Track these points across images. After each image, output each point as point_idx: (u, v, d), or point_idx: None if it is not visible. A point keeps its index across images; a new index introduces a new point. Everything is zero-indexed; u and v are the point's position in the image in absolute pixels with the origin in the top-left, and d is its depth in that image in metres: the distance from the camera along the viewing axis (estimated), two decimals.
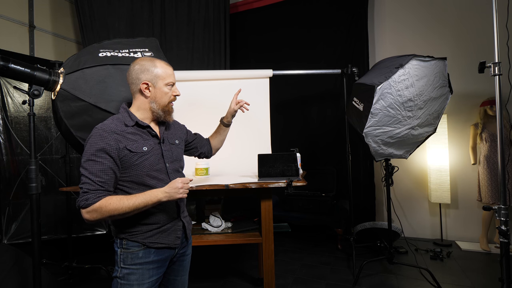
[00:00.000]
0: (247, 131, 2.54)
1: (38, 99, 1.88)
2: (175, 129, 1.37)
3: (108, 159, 1.07)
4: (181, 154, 1.34)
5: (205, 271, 2.77)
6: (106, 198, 1.05)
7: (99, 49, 1.57)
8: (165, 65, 1.24)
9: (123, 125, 1.15)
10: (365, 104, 2.07)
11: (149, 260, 1.16)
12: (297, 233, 3.70)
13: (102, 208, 1.03)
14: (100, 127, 1.11)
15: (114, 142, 1.09)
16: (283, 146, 2.75)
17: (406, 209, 3.56)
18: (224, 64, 3.58)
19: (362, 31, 3.58)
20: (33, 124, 1.46)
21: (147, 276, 1.15)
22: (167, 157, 1.23)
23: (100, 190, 1.05)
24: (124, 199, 1.06)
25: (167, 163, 1.22)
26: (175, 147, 1.30)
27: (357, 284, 2.41)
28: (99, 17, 3.35)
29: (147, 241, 1.15)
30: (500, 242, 1.48)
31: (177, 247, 1.25)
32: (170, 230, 1.21)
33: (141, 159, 1.13)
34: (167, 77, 1.22)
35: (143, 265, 1.15)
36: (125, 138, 1.12)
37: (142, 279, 1.14)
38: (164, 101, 1.22)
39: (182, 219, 1.27)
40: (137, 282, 1.13)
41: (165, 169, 1.21)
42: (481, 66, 1.53)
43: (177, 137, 1.34)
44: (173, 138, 1.31)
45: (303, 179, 1.93)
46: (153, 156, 1.17)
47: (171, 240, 1.21)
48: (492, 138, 2.92)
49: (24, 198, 2.92)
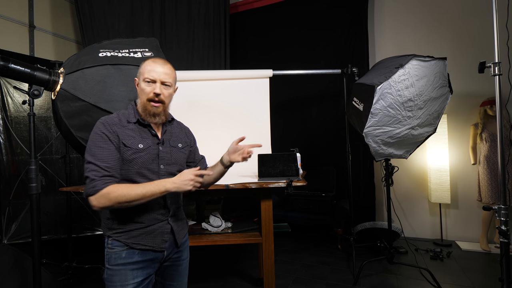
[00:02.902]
0: (247, 131, 2.54)
1: (38, 99, 1.88)
2: (182, 133, 1.32)
3: (112, 145, 1.09)
4: (182, 158, 1.27)
5: (205, 271, 2.77)
6: (114, 185, 1.04)
7: (99, 49, 1.57)
8: (152, 62, 1.18)
9: (126, 121, 1.16)
10: (365, 104, 2.07)
11: (132, 261, 1.12)
12: (297, 233, 3.70)
13: (109, 194, 1.01)
14: (104, 120, 1.13)
15: (115, 133, 1.11)
16: (283, 146, 2.75)
17: (406, 209, 3.56)
18: (224, 64, 3.58)
19: (362, 31, 3.58)
20: (33, 124, 1.46)
21: (131, 277, 1.11)
22: (163, 158, 1.18)
23: (107, 176, 1.04)
24: (132, 187, 1.05)
25: (162, 165, 1.17)
26: (177, 150, 1.25)
27: (357, 284, 2.41)
28: (99, 17, 3.35)
29: (130, 241, 1.12)
30: (500, 242, 1.48)
31: (164, 250, 1.19)
32: (155, 232, 1.16)
33: (135, 155, 1.12)
34: (145, 72, 1.15)
35: (126, 265, 1.11)
36: (124, 132, 1.13)
37: (125, 280, 1.10)
38: (143, 98, 1.16)
39: (170, 222, 1.20)
40: (120, 284, 1.09)
41: (157, 170, 1.16)
42: (481, 66, 1.53)
43: (182, 141, 1.29)
44: (176, 141, 1.26)
45: (303, 179, 1.93)
46: (147, 155, 1.15)
47: (157, 243, 1.15)
48: (492, 138, 2.92)
49: (24, 198, 2.92)
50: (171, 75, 1.19)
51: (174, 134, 1.27)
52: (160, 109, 1.17)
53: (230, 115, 2.57)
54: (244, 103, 2.58)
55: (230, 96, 2.57)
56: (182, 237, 1.27)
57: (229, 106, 2.57)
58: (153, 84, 1.16)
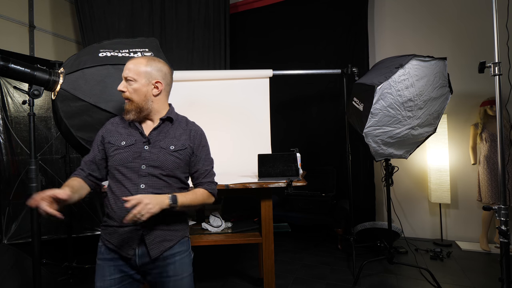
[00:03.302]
0: (247, 131, 2.54)
1: (38, 99, 1.88)
2: (183, 135, 1.20)
3: (95, 145, 1.21)
4: (171, 162, 1.14)
5: (205, 271, 2.77)
6: (72, 178, 1.17)
7: (99, 49, 1.57)
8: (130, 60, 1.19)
9: (122, 119, 1.22)
10: (365, 104, 2.07)
11: (108, 257, 1.13)
12: (297, 233, 3.69)
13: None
14: (111, 119, 1.27)
15: (103, 132, 1.21)
16: (283, 146, 2.74)
17: (406, 209, 3.55)
18: (224, 64, 3.58)
19: (362, 31, 3.58)
20: (33, 124, 1.46)
21: (108, 273, 1.12)
22: (145, 158, 1.12)
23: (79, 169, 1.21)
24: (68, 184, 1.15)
25: (144, 165, 1.11)
26: (165, 152, 1.14)
27: (357, 284, 2.41)
28: (99, 17, 3.35)
29: (105, 237, 1.15)
30: (500, 242, 1.48)
31: (131, 258, 1.10)
32: (124, 236, 1.09)
33: (115, 152, 1.14)
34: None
35: (103, 261, 1.14)
36: (116, 130, 1.20)
37: (103, 275, 1.12)
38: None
39: (143, 230, 1.09)
40: (99, 278, 1.13)
41: (137, 170, 1.11)
42: (481, 66, 1.52)
43: (178, 144, 1.17)
44: (168, 143, 1.16)
45: (303, 179, 1.93)
46: (127, 153, 1.13)
47: (124, 247, 1.10)
48: (492, 138, 2.92)
49: (24, 198, 2.92)
50: (133, 69, 1.15)
51: (170, 135, 1.18)
52: (130, 106, 1.16)
53: (230, 115, 2.57)
54: (244, 103, 2.58)
55: (230, 96, 2.57)
56: (161, 250, 1.11)
57: (229, 106, 2.57)
58: (123, 81, 1.18)
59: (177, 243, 1.16)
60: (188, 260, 1.19)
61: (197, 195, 1.17)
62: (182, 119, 1.28)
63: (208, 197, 1.22)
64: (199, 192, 1.19)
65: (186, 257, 1.18)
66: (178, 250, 1.16)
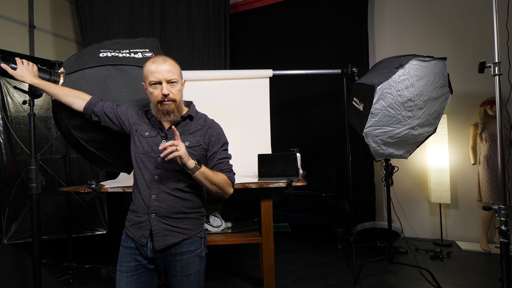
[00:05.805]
0: (247, 131, 2.54)
1: (38, 99, 1.88)
2: (200, 131, 1.24)
3: (124, 109, 1.32)
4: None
5: (205, 271, 2.76)
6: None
7: (100, 49, 1.56)
8: (151, 63, 1.16)
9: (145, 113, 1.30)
10: (365, 104, 2.07)
11: (126, 245, 1.21)
12: (297, 233, 3.70)
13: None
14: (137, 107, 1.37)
15: (135, 114, 1.30)
16: (283, 146, 2.74)
17: (406, 209, 3.56)
18: (224, 64, 3.58)
19: (362, 31, 3.58)
20: (33, 124, 1.46)
21: (125, 260, 1.19)
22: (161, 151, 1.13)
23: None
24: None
25: (160, 158, 1.16)
26: None
27: (357, 284, 2.41)
28: (99, 17, 3.35)
29: (126, 225, 1.24)
30: (500, 242, 1.48)
31: (144, 246, 1.17)
32: (140, 225, 1.18)
33: (139, 140, 1.22)
34: (149, 75, 1.15)
35: (123, 248, 1.22)
36: (141, 120, 1.27)
37: (121, 260, 1.20)
38: (153, 101, 1.18)
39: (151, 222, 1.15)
40: (119, 262, 1.21)
41: (154, 160, 1.18)
42: (481, 66, 1.53)
43: (193, 140, 1.21)
44: (183, 139, 1.20)
45: (303, 179, 1.93)
46: (149, 143, 1.21)
47: (138, 235, 1.18)
48: (492, 138, 2.92)
49: (24, 198, 2.92)
50: (174, 71, 1.17)
51: (187, 131, 1.23)
52: (172, 106, 1.17)
53: (230, 115, 2.57)
54: (244, 103, 2.58)
55: (230, 96, 2.56)
56: (165, 244, 1.16)
57: (229, 106, 2.56)
58: (159, 85, 1.15)
59: (186, 241, 1.20)
60: (197, 259, 1.24)
61: (218, 175, 1.19)
62: (202, 116, 1.32)
63: (227, 184, 1.22)
64: (220, 174, 1.20)
65: (195, 256, 1.22)
66: (188, 249, 1.20)
